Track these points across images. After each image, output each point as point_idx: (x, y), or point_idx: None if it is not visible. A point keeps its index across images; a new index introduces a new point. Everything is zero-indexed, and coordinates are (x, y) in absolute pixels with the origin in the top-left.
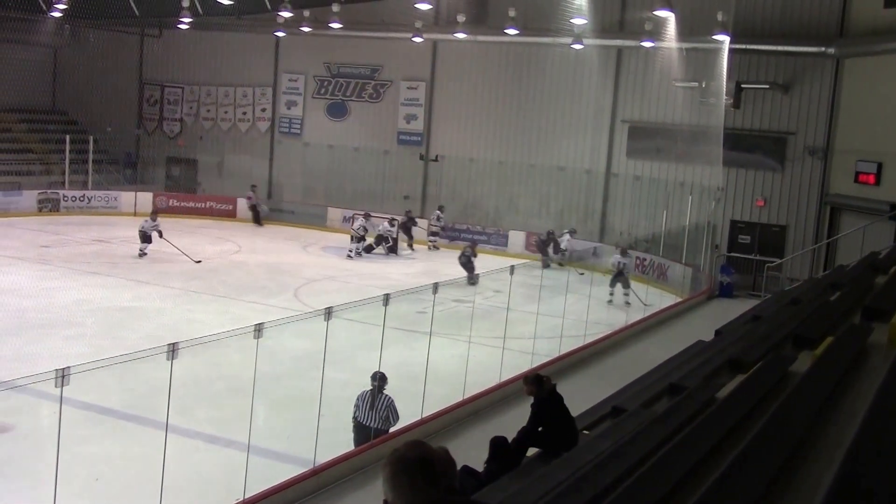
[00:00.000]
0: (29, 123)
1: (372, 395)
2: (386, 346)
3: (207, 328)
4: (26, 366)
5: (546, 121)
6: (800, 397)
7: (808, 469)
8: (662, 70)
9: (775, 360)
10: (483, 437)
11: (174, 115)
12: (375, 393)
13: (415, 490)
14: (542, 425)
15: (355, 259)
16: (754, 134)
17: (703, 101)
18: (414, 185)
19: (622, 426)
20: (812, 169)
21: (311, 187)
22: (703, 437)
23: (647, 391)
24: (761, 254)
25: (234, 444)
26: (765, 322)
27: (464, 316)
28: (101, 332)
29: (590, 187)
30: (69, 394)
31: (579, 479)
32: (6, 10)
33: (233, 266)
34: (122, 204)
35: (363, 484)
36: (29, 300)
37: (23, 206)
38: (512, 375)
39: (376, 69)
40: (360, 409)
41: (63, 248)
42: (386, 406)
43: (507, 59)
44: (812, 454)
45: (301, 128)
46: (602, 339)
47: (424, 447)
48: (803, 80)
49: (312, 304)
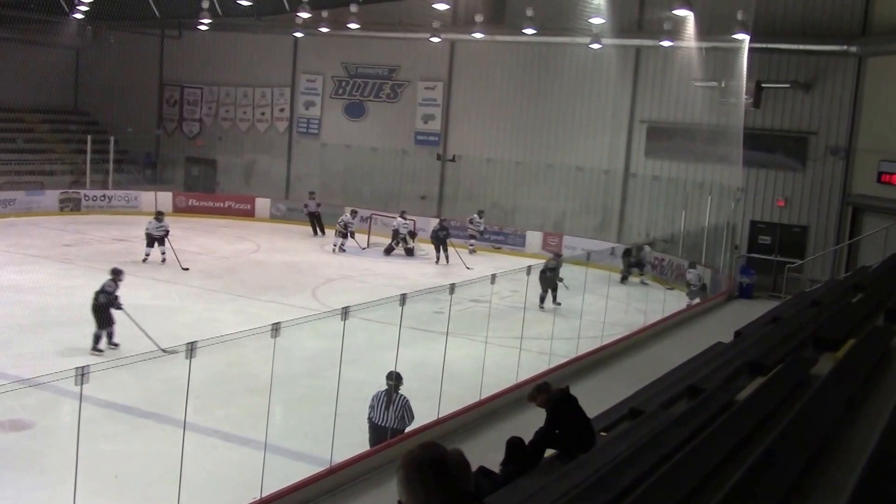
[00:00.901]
0: (51, 124)
1: (387, 395)
2: (402, 346)
3: (225, 327)
4: (47, 363)
5: (564, 121)
6: (821, 401)
7: (829, 475)
8: (681, 69)
9: (796, 362)
10: (499, 438)
11: (193, 115)
12: (391, 393)
13: (428, 492)
14: (558, 427)
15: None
16: (775, 134)
17: (723, 101)
18: (431, 186)
19: (640, 428)
20: (834, 169)
21: (328, 187)
22: (722, 440)
23: (666, 393)
24: (782, 255)
25: (251, 443)
26: (785, 324)
27: (480, 316)
28: (120, 331)
29: (608, 188)
30: (89, 391)
31: (597, 481)
32: (30, 13)
33: (251, 265)
34: (142, 203)
35: (379, 483)
36: (50, 298)
37: (45, 205)
38: (529, 376)
39: (394, 69)
40: (375, 409)
41: (84, 247)
42: (401, 406)
43: (524, 59)
44: (834, 459)
45: (319, 128)
46: (620, 339)
47: (438, 449)
48: (825, 78)
49: (330, 303)
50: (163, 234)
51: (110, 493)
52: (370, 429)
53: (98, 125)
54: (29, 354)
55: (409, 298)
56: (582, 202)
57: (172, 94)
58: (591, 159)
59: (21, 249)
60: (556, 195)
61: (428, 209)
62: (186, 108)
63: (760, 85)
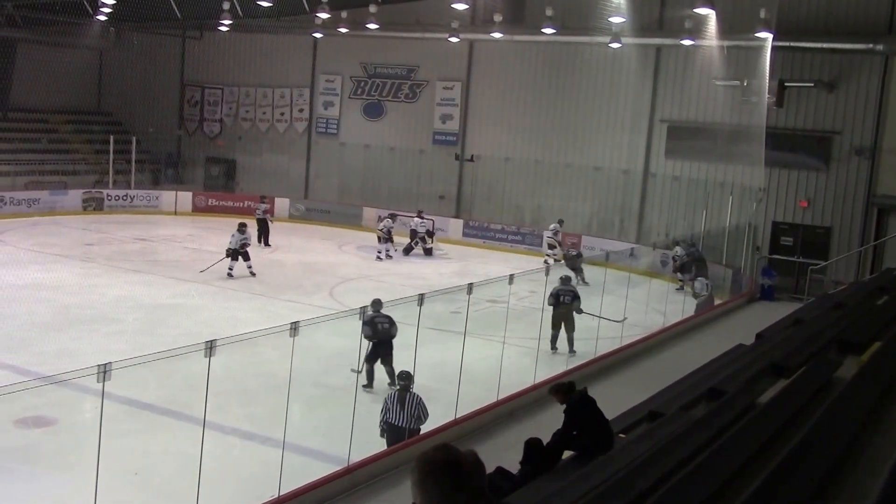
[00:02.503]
0: (75, 124)
1: (400, 396)
2: (420, 345)
3: (244, 326)
4: (69, 361)
5: (583, 120)
6: (845, 404)
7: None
8: (703, 68)
9: (819, 365)
10: (517, 438)
11: (214, 115)
12: (404, 393)
13: (443, 493)
14: (576, 428)
15: (385, 261)
16: (798, 133)
17: (745, 100)
18: (449, 186)
19: (659, 430)
20: (858, 169)
21: (347, 187)
22: (743, 443)
23: (686, 395)
24: (804, 256)
25: (270, 441)
26: (808, 326)
27: (498, 316)
28: (141, 329)
29: (627, 188)
30: (110, 389)
31: (615, 483)
32: (53, 15)
33: (270, 265)
34: (163, 203)
35: (395, 484)
36: (73, 297)
37: (68, 204)
38: (547, 377)
39: (412, 69)
40: (390, 410)
41: (106, 246)
42: (416, 404)
43: (543, 58)
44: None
45: (338, 128)
46: (639, 341)
47: (452, 450)
48: (849, 77)
49: (348, 302)
50: (246, 245)
51: (131, 489)
52: (387, 431)
53: (120, 126)
54: (51, 352)
55: (427, 298)
56: (601, 202)
57: (193, 95)
58: (611, 159)
59: (44, 248)
60: (574, 195)
61: (446, 209)
62: (207, 109)
63: (783, 84)
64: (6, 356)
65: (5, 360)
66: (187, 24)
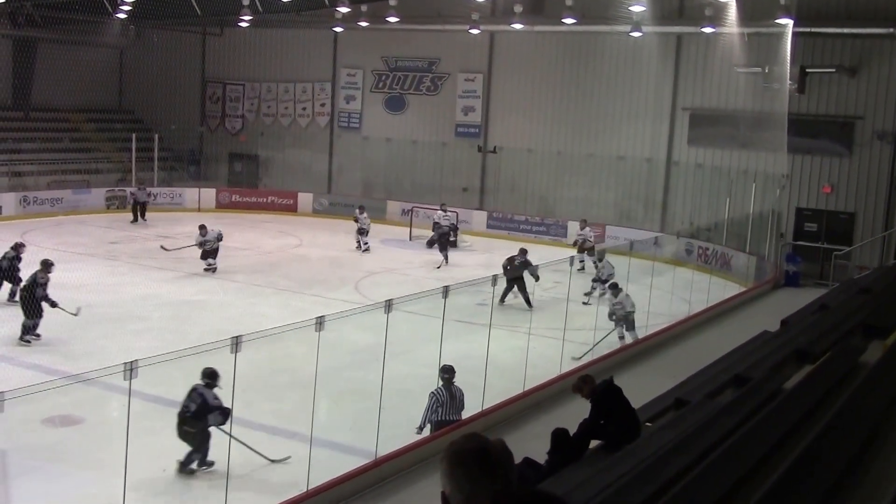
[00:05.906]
0: (97, 123)
1: (448, 390)
2: (446, 338)
3: (270, 321)
4: (96, 360)
5: (605, 110)
6: (870, 389)
7: (879, 464)
8: (724, 56)
9: (844, 350)
10: (544, 429)
11: (236, 111)
12: (450, 386)
13: (472, 482)
14: (602, 418)
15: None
16: (820, 119)
17: (767, 87)
18: (472, 178)
19: (686, 418)
20: (881, 154)
21: (370, 181)
22: (770, 429)
23: (711, 382)
24: (828, 242)
25: (297, 436)
26: (833, 311)
27: (523, 308)
28: (167, 326)
29: (650, 176)
30: (137, 386)
31: (642, 472)
32: (74, 13)
33: (294, 260)
34: (187, 200)
35: (424, 476)
36: (98, 295)
37: (91, 203)
38: (572, 367)
39: (433, 62)
40: (445, 405)
41: (130, 244)
42: (461, 397)
43: (564, 48)
44: (883, 449)
45: (360, 122)
46: (664, 329)
47: (481, 439)
48: (871, 62)
49: (373, 296)
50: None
51: (159, 486)
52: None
53: (142, 123)
54: (77, 351)
55: (452, 291)
56: (624, 191)
57: (215, 91)
58: (633, 148)
59: (68, 248)
60: (597, 185)
61: (470, 201)
62: (229, 105)
63: (805, 70)
64: (33, 356)
65: (32, 359)
66: (207, 20)
